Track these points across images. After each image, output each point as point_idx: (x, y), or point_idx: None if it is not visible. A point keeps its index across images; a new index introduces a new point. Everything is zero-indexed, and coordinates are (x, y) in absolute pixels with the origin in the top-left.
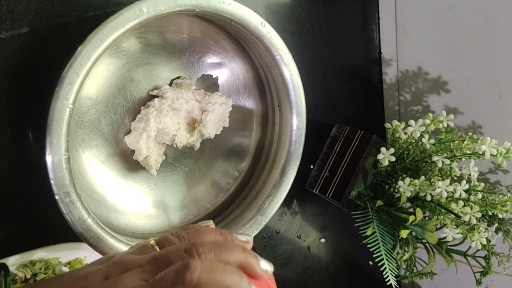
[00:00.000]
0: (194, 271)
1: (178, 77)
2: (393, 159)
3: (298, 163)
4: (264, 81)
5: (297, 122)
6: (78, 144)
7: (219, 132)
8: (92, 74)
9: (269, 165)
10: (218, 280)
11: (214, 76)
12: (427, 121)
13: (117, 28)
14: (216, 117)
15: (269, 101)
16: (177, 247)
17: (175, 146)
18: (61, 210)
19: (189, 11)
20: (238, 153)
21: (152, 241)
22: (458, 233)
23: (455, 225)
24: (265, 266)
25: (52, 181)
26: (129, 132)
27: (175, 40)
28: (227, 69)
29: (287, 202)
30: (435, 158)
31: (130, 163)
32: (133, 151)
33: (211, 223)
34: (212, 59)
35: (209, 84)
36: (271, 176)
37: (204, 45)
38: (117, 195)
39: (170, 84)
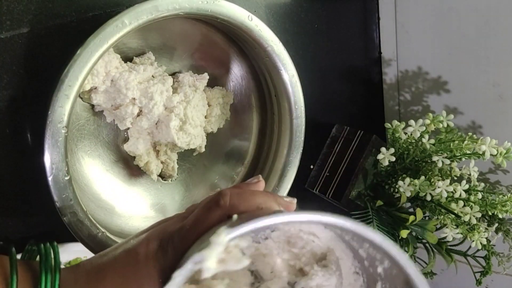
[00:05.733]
0: (226, 195)
1: (174, 73)
2: (393, 159)
3: (301, 151)
4: (259, 73)
5: (295, 111)
6: (81, 157)
7: (221, 126)
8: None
9: (271, 156)
10: (248, 200)
11: (211, 72)
12: (427, 121)
13: (101, 44)
14: (218, 111)
15: (266, 92)
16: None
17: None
18: (70, 230)
19: (172, 15)
20: (238, 155)
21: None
22: (458, 233)
23: (455, 225)
24: (286, 203)
25: (57, 204)
26: (128, 139)
27: (168, 41)
28: (222, 64)
29: None
30: (435, 158)
31: (134, 168)
32: (134, 157)
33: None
34: (205, 55)
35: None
36: (274, 168)
37: (196, 43)
38: (125, 202)
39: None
